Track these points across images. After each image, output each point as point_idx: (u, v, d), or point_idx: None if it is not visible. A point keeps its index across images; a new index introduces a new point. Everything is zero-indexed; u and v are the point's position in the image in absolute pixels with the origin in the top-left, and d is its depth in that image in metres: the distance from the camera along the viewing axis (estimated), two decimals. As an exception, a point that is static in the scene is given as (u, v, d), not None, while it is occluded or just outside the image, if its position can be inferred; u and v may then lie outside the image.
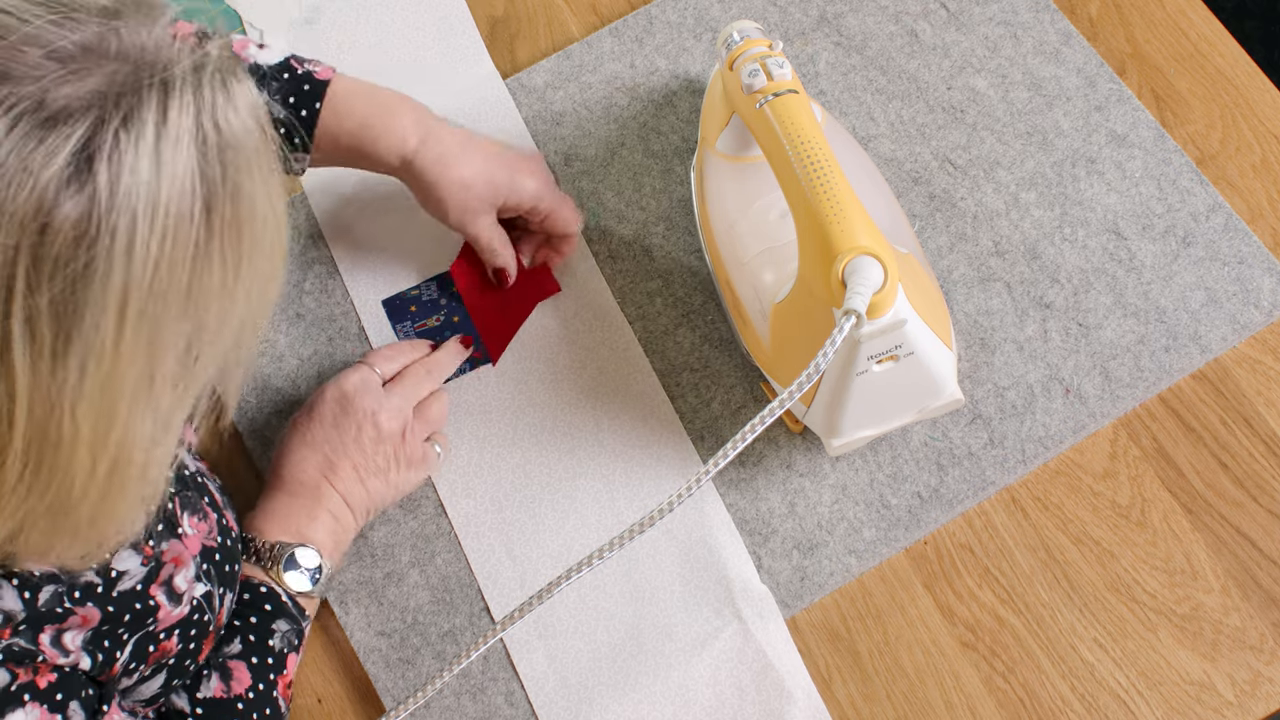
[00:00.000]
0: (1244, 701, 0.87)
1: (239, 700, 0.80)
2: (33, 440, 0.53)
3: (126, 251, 0.51)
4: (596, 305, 1.01)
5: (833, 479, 0.94)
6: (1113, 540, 0.92)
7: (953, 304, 0.98)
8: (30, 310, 0.50)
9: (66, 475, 0.55)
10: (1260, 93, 1.05)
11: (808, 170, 0.81)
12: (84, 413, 0.53)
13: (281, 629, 0.83)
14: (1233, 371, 0.96)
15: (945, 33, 1.08)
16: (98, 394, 0.53)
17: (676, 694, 0.89)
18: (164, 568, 0.74)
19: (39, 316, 0.50)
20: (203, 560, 0.78)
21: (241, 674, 0.81)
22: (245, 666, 0.81)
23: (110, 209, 0.50)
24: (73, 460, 0.55)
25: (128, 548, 0.72)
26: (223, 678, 0.80)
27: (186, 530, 0.78)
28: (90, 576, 0.69)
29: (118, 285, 0.51)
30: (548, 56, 1.10)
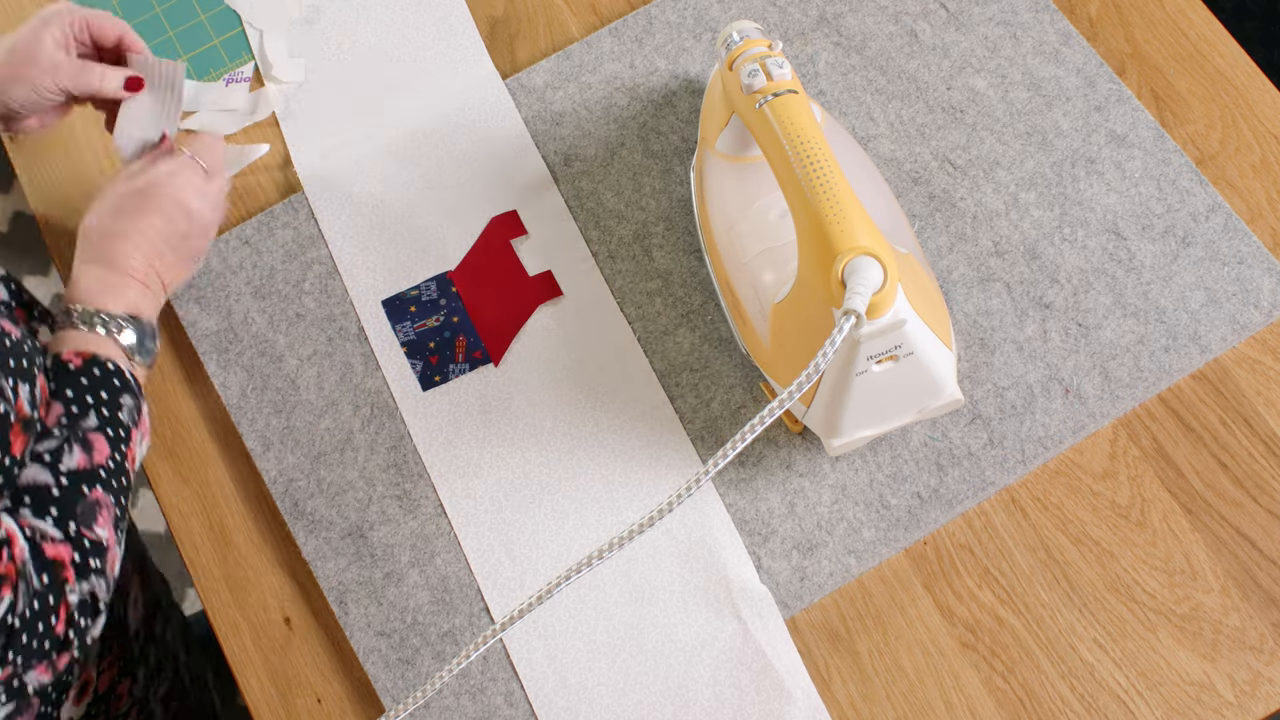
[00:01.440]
0: (1244, 702, 0.87)
1: (101, 469, 0.83)
2: None
3: None
4: (596, 305, 1.01)
5: (832, 479, 0.94)
6: (1112, 540, 0.92)
7: (952, 304, 0.98)
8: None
9: None
10: (1260, 93, 1.05)
11: (807, 170, 0.81)
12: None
13: (127, 403, 0.86)
14: (1232, 371, 0.96)
15: (945, 33, 1.08)
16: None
17: (676, 694, 0.89)
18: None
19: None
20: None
21: (101, 445, 0.84)
22: (104, 438, 0.84)
23: None
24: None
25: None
26: (84, 449, 0.83)
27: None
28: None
29: None
30: (547, 56, 1.10)
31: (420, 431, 0.98)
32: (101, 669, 1.01)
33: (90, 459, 0.83)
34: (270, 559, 0.96)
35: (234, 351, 1.01)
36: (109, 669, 1.02)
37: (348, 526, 0.96)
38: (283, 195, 1.07)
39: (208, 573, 0.96)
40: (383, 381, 1.00)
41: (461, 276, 1.02)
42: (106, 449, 0.84)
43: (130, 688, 1.07)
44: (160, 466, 0.99)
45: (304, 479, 0.97)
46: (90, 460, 0.83)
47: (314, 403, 0.99)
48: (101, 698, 1.02)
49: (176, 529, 0.98)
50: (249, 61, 1.12)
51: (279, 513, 0.97)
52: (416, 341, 1.00)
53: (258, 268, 1.04)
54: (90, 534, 0.81)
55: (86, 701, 0.99)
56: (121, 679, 1.05)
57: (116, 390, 0.86)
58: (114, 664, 1.03)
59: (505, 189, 1.05)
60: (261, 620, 0.95)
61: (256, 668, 0.94)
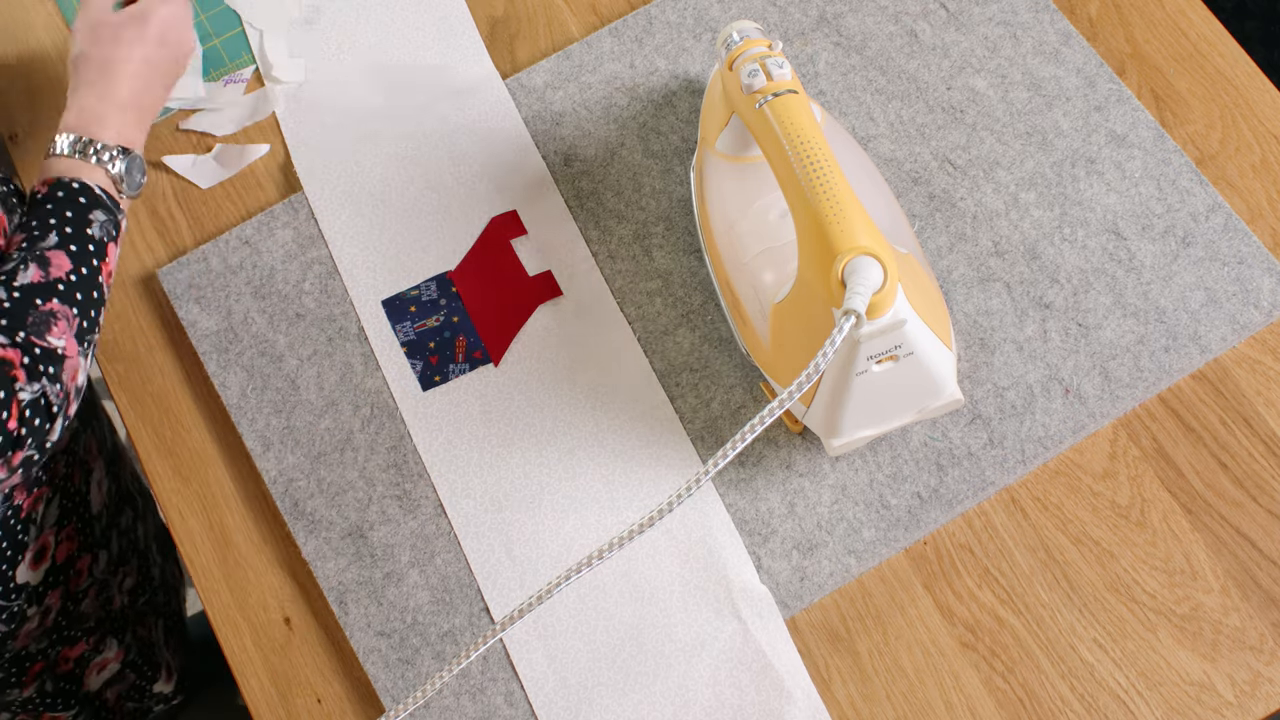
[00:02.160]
0: (1244, 702, 0.87)
1: (59, 282, 0.83)
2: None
3: None
4: (596, 305, 1.01)
5: (832, 479, 0.94)
6: (1112, 540, 0.92)
7: (953, 304, 0.98)
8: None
9: None
10: (1260, 93, 1.05)
11: (807, 170, 0.81)
12: None
13: (99, 219, 0.87)
14: (1232, 371, 0.96)
15: (945, 33, 1.08)
16: None
17: (676, 694, 0.89)
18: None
19: None
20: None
21: (61, 260, 0.84)
22: (64, 254, 0.84)
23: None
24: None
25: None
26: (40, 265, 0.83)
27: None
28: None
29: None
30: (547, 56, 1.10)
31: (420, 431, 0.98)
32: (60, 539, 1.02)
33: (46, 274, 0.83)
34: (270, 559, 0.97)
35: (234, 351, 1.01)
36: (67, 540, 1.04)
37: (348, 526, 0.96)
38: (283, 195, 1.07)
39: (208, 573, 0.97)
40: (383, 381, 1.00)
41: (461, 276, 1.02)
42: (68, 263, 0.84)
43: (90, 565, 1.09)
44: (160, 466, 0.99)
45: (304, 479, 0.97)
46: (46, 275, 0.83)
47: (314, 403, 0.99)
48: (59, 568, 1.03)
49: (176, 529, 0.98)
50: (249, 62, 1.12)
51: (279, 513, 0.97)
52: (416, 341, 1.00)
53: (258, 268, 1.04)
54: (41, 342, 0.81)
55: (44, 568, 1.00)
56: (81, 554, 1.07)
57: (83, 207, 0.86)
58: (73, 537, 1.05)
59: (505, 189, 1.05)
60: (261, 620, 0.95)
61: (256, 668, 0.94)
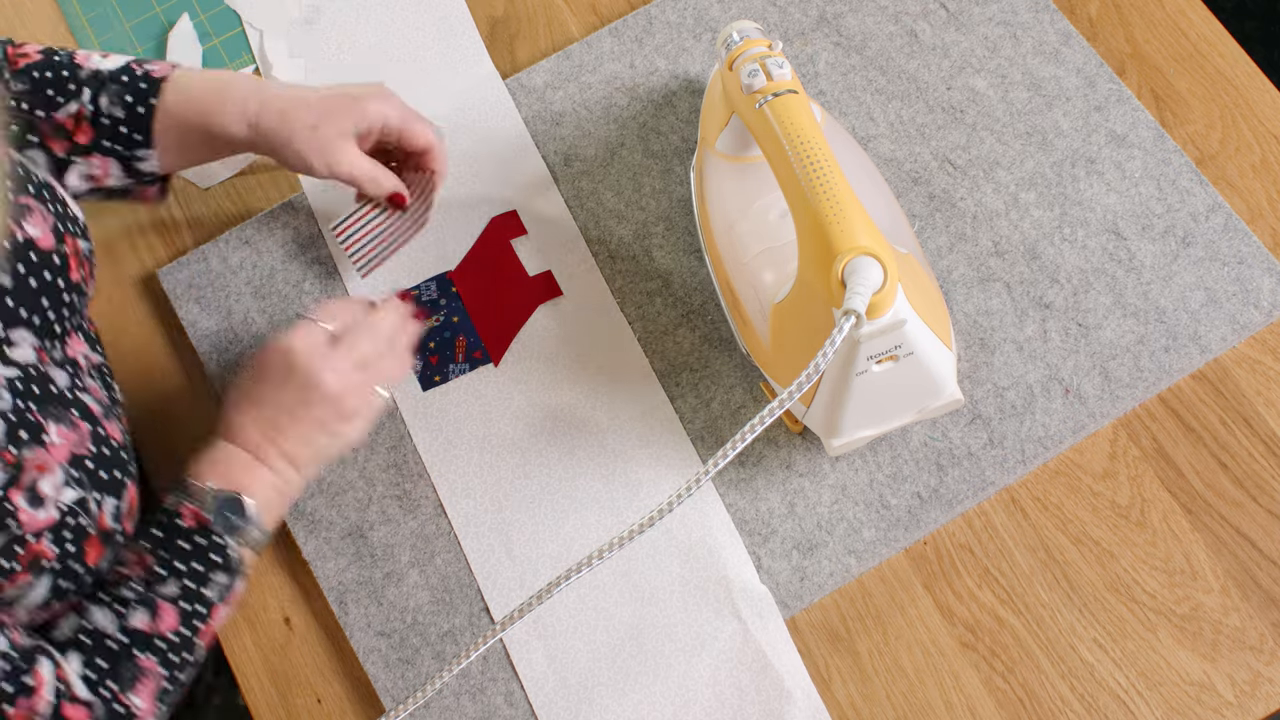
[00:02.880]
0: (1244, 702, 0.87)
1: (159, 638, 0.83)
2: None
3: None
4: (596, 305, 1.01)
5: (832, 479, 0.94)
6: (1112, 540, 0.92)
7: (953, 304, 0.98)
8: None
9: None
10: (1260, 93, 1.05)
11: (807, 170, 0.81)
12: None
13: (219, 581, 0.85)
14: (1232, 371, 0.96)
15: (945, 33, 1.08)
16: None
17: (676, 694, 0.89)
18: (26, 474, 0.77)
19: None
20: (72, 467, 0.80)
21: (169, 616, 0.83)
22: (175, 611, 0.83)
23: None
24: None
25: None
26: (151, 614, 0.83)
27: (53, 439, 0.80)
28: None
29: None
30: (548, 56, 1.10)
31: (420, 431, 0.98)
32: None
33: (154, 625, 0.82)
34: (270, 559, 0.96)
35: (234, 351, 1.01)
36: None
37: (348, 526, 0.96)
38: (283, 195, 1.07)
39: (208, 573, 0.96)
40: (383, 381, 1.00)
41: (461, 276, 1.02)
42: (174, 621, 0.83)
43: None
44: (160, 467, 0.99)
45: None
46: (153, 626, 0.82)
47: (314, 403, 0.99)
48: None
49: (176, 529, 0.98)
50: (249, 62, 1.12)
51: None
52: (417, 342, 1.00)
53: (258, 268, 1.04)
54: (124, 699, 0.81)
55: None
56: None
57: (212, 565, 0.85)
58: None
59: (505, 189, 1.05)
60: (261, 620, 0.95)
61: (256, 668, 0.94)
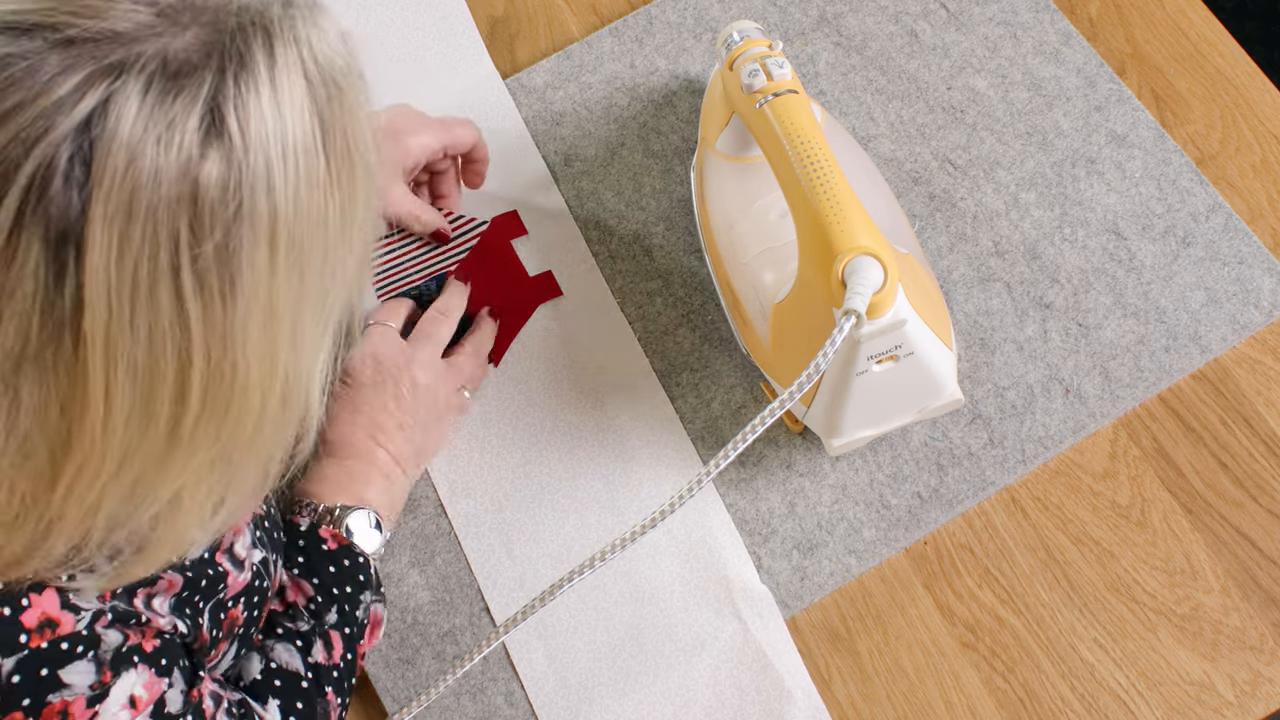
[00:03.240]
0: (1244, 702, 0.87)
1: (335, 669, 0.83)
2: (210, 387, 0.56)
3: (268, 191, 0.54)
4: (596, 305, 1.01)
5: (833, 479, 0.94)
6: (1113, 540, 0.92)
7: (953, 304, 0.98)
8: (197, 260, 0.53)
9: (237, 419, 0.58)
10: (1260, 93, 1.05)
11: (808, 170, 0.81)
12: (253, 352, 0.56)
13: (367, 600, 0.86)
14: (1233, 371, 0.96)
15: (945, 33, 1.08)
16: (260, 331, 0.56)
17: (676, 694, 0.89)
18: (224, 536, 0.76)
19: (206, 264, 0.53)
20: (255, 527, 0.80)
21: (337, 643, 0.84)
22: (340, 636, 0.84)
23: (247, 154, 0.53)
24: (246, 402, 0.57)
25: None
26: (326, 646, 0.83)
27: None
28: None
29: (265, 222, 0.54)
30: (548, 56, 1.10)
31: (420, 431, 0.98)
32: None
33: (329, 657, 0.83)
34: (270, 559, 0.96)
35: (234, 351, 1.01)
36: None
37: (348, 526, 0.96)
38: (283, 195, 1.07)
39: (208, 573, 0.96)
40: (383, 381, 0.99)
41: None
42: (341, 647, 0.84)
43: None
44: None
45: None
46: (329, 658, 0.83)
47: (314, 403, 0.99)
48: None
49: (176, 529, 0.98)
50: (249, 61, 1.12)
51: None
52: None
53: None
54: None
55: None
56: None
57: (360, 586, 0.86)
58: None
59: (505, 189, 1.05)
60: (262, 620, 0.95)
61: (257, 668, 0.94)
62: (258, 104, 0.53)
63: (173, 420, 0.56)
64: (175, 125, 0.51)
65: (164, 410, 0.55)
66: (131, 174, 0.51)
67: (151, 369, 0.54)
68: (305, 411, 0.62)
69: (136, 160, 0.51)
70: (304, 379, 0.60)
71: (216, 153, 0.52)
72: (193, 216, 0.52)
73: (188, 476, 0.59)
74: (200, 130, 0.52)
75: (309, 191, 0.55)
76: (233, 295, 0.54)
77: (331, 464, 0.89)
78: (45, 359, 0.53)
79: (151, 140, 0.51)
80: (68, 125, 0.50)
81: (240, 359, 0.56)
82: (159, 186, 0.51)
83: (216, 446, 0.58)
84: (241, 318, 0.55)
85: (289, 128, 0.54)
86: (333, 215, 0.57)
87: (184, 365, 0.55)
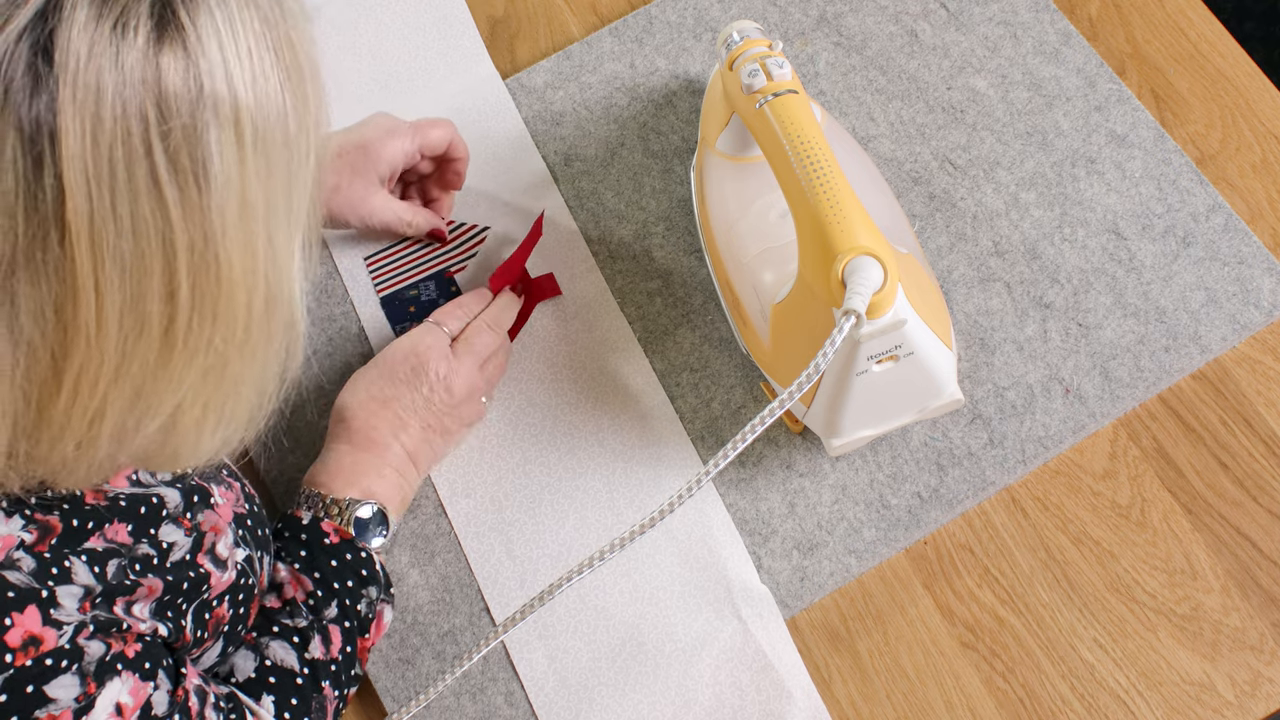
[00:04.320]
0: (1244, 702, 0.87)
1: (333, 663, 0.83)
2: (197, 282, 0.58)
3: (226, 79, 0.56)
4: (596, 305, 1.01)
5: (833, 479, 0.94)
6: (1113, 540, 0.92)
7: (953, 304, 0.98)
8: (168, 139, 0.55)
9: (227, 320, 0.60)
10: (1260, 93, 1.05)
11: (808, 170, 0.81)
12: (234, 244, 0.58)
13: (371, 595, 0.86)
14: (1233, 371, 0.96)
15: (945, 33, 1.08)
16: (238, 222, 0.58)
17: (676, 694, 0.89)
18: (205, 537, 0.77)
19: (176, 145, 0.55)
20: (237, 526, 0.80)
21: (336, 637, 0.84)
22: (339, 630, 0.84)
23: (200, 42, 0.56)
24: (234, 299, 0.59)
25: (170, 522, 0.74)
26: (324, 642, 0.83)
27: (218, 500, 0.80)
28: (145, 549, 0.72)
29: (228, 108, 0.57)
30: (548, 56, 1.10)
31: (420, 431, 0.98)
32: None
33: (327, 652, 0.83)
34: (270, 559, 0.96)
35: (234, 351, 1.01)
36: None
37: (348, 526, 0.96)
38: (283, 195, 1.07)
39: (208, 573, 0.96)
40: (383, 381, 0.99)
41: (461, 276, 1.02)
42: (339, 641, 0.84)
43: None
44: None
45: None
46: (326, 653, 0.83)
47: (314, 402, 0.99)
48: None
49: (176, 529, 0.98)
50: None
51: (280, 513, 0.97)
52: None
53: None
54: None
55: None
56: None
57: (363, 580, 0.86)
58: None
59: (505, 189, 1.05)
60: (261, 620, 0.95)
61: (256, 668, 0.94)
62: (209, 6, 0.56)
63: (165, 319, 0.58)
64: (129, 13, 0.54)
65: (155, 309, 0.57)
66: (94, 60, 0.53)
67: (138, 261, 0.56)
68: (290, 323, 0.64)
69: (96, 46, 0.53)
70: (285, 285, 0.62)
71: (172, 39, 0.55)
72: (158, 97, 0.54)
73: (186, 388, 0.60)
74: (153, 19, 0.54)
75: (264, 83, 0.58)
76: (206, 179, 0.56)
77: (347, 453, 0.89)
78: (35, 259, 0.55)
79: (108, 28, 0.53)
80: (24, 17, 0.52)
81: (222, 251, 0.58)
82: (122, 71, 0.54)
83: (211, 354, 0.60)
84: (218, 205, 0.57)
85: (236, 22, 0.57)
86: (289, 111, 0.59)
87: (169, 257, 0.56)
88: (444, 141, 0.99)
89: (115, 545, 0.70)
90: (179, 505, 0.75)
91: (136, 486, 0.73)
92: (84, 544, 0.68)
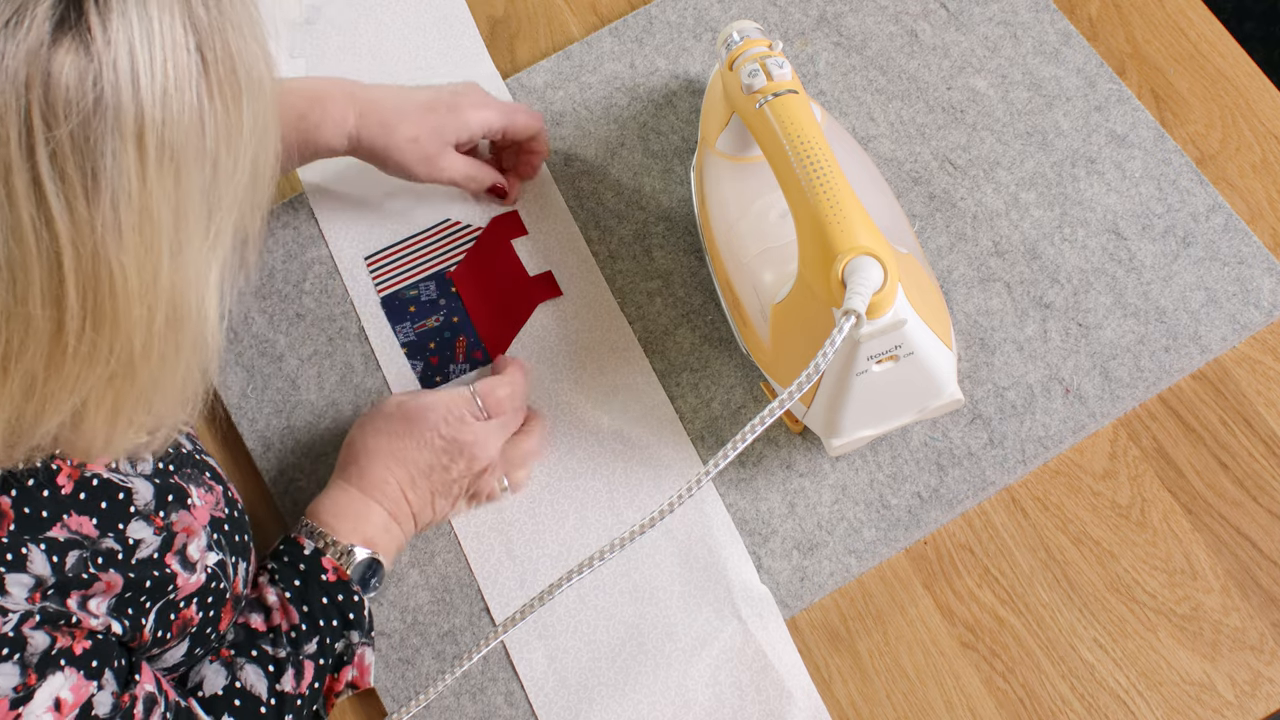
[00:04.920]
0: (1244, 702, 0.87)
1: (299, 697, 0.83)
2: (86, 291, 0.56)
3: (132, 88, 0.54)
4: (596, 305, 1.01)
5: (833, 479, 0.94)
6: (1113, 540, 0.92)
7: (953, 304, 0.98)
8: (53, 147, 0.53)
9: (125, 331, 0.58)
10: (1260, 93, 1.05)
11: (808, 170, 0.81)
12: (129, 258, 0.56)
13: (354, 640, 0.87)
14: (1233, 371, 0.96)
15: (945, 33, 1.08)
16: (136, 236, 0.56)
17: (676, 694, 0.89)
18: (176, 537, 0.76)
19: (63, 154, 0.53)
20: (213, 530, 0.80)
21: (309, 672, 0.84)
22: (313, 666, 0.84)
23: (108, 47, 0.53)
24: (129, 312, 0.57)
25: (140, 519, 0.74)
26: (297, 675, 0.83)
27: (195, 501, 0.79)
28: (110, 543, 0.71)
29: (130, 119, 0.54)
30: (548, 56, 1.10)
31: (420, 431, 0.98)
32: None
33: (296, 686, 0.83)
34: (270, 559, 0.96)
35: (234, 351, 1.01)
36: None
37: (348, 526, 0.96)
38: (283, 195, 1.07)
39: (208, 573, 0.96)
40: (383, 381, 1.00)
41: (461, 276, 1.02)
42: (310, 676, 0.84)
43: None
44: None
45: (304, 479, 0.97)
46: (296, 687, 0.83)
47: (314, 403, 0.99)
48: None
49: (176, 529, 0.98)
50: (249, 61, 1.12)
51: (280, 513, 0.97)
52: (416, 342, 1.00)
53: (258, 268, 1.04)
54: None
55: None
56: None
57: (348, 624, 0.86)
58: None
59: (505, 189, 1.05)
60: (261, 620, 0.95)
61: (256, 668, 0.94)
62: (121, 2, 0.54)
63: (53, 324, 0.56)
64: (25, 10, 0.52)
65: (39, 312, 0.55)
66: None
67: (19, 263, 0.54)
68: (199, 343, 0.62)
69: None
70: (193, 299, 0.60)
71: (71, 41, 0.53)
72: (44, 102, 0.52)
73: (89, 389, 0.59)
74: (53, 18, 0.52)
75: (180, 94, 0.55)
76: (95, 191, 0.54)
77: (355, 498, 0.89)
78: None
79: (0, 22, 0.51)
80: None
81: (115, 263, 0.56)
82: (5, 68, 0.52)
83: (113, 361, 0.58)
84: (110, 218, 0.55)
85: (156, 27, 0.54)
86: (213, 124, 0.57)
87: (53, 265, 0.55)
88: (529, 130, 1.00)
89: (79, 537, 0.69)
90: (150, 503, 0.75)
91: (114, 473, 0.73)
92: (46, 532, 0.68)
